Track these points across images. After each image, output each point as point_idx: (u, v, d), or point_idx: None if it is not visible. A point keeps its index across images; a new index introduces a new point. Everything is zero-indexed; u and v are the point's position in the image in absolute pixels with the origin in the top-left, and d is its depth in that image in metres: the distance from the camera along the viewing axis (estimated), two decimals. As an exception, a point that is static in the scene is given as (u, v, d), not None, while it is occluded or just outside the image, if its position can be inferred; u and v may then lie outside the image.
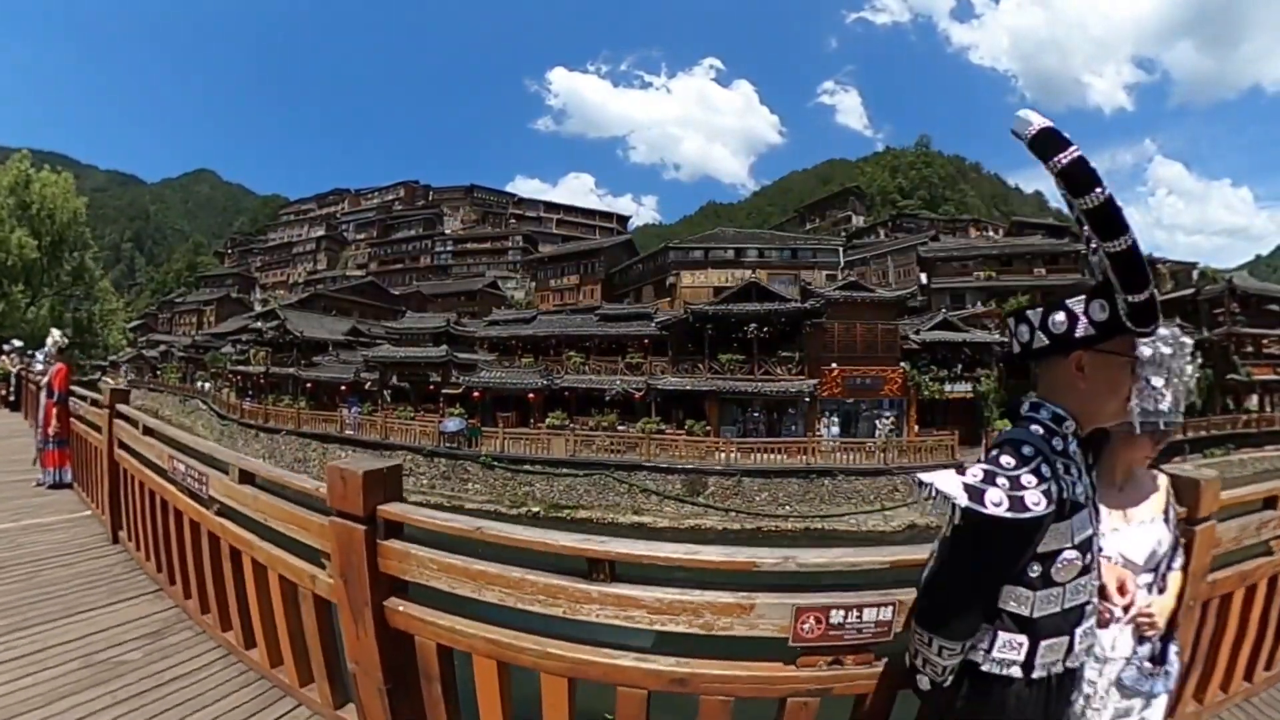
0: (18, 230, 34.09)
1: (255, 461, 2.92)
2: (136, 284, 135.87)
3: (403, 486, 2.28)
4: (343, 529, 2.13)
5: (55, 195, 37.21)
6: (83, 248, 40.83)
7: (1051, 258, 46.34)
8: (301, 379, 36.23)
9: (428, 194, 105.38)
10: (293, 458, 31.65)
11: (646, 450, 24.61)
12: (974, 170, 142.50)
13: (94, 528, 4.83)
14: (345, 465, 2.16)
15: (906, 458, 24.38)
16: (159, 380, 67.49)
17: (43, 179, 37.09)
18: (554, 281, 55.70)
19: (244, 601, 2.83)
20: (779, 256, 47.22)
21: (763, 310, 27.87)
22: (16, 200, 35.35)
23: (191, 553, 3.21)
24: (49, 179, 37.48)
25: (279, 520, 2.52)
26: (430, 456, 26.32)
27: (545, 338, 34.85)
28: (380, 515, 2.13)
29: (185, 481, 3.14)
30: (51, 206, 36.58)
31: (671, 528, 22.71)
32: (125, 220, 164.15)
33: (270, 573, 2.60)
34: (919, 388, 27.98)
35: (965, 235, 75.55)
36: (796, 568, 1.84)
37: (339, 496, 2.13)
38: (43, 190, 36.56)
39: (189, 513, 3.16)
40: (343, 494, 2.12)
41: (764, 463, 24.13)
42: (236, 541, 2.80)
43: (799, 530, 22.49)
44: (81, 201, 39.55)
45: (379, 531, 2.13)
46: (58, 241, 37.41)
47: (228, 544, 2.86)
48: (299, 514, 2.43)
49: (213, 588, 3.07)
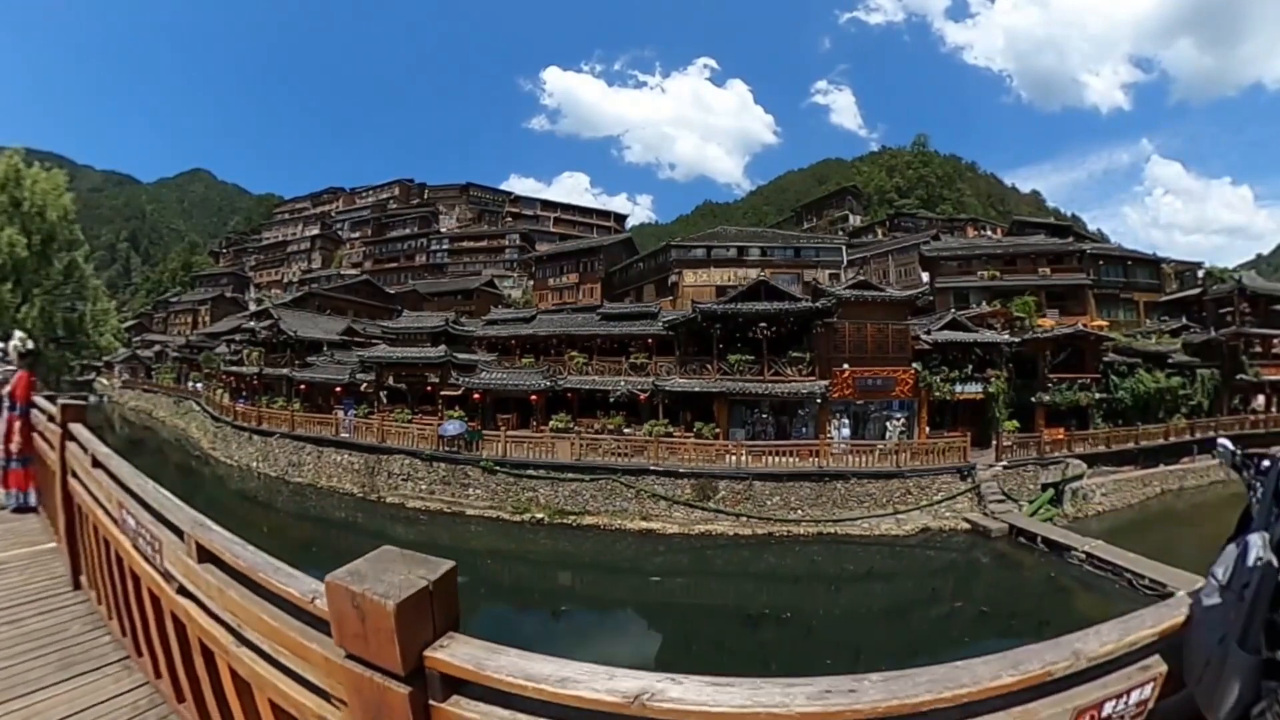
0: (8, 228, 33.15)
1: (219, 534, 2.07)
2: (132, 284, 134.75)
3: (458, 605, 1.35)
4: (366, 683, 1.29)
5: (46, 192, 36.30)
6: (74, 246, 39.80)
7: (1055, 257, 45.95)
8: (295, 380, 35.43)
9: (423, 192, 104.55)
10: (286, 461, 30.95)
11: (655, 454, 23.91)
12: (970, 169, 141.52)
13: (55, 567, 4.08)
14: (361, 578, 1.28)
15: (919, 460, 24.04)
16: (153, 381, 66.89)
17: (33, 175, 36.10)
18: (553, 280, 55.07)
19: (227, 711, 1.98)
20: (782, 255, 46.72)
21: (773, 309, 27.20)
22: (8, 197, 34.39)
23: (157, 629, 2.41)
24: (39, 175, 36.51)
25: (258, 633, 1.69)
26: (429, 461, 25.58)
27: (546, 337, 34.14)
28: (432, 665, 1.26)
29: (136, 541, 2.36)
30: (42, 203, 35.65)
31: (682, 534, 22.17)
32: (121, 220, 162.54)
33: (257, 693, 1.75)
34: (930, 389, 27.48)
35: (963, 234, 75.53)
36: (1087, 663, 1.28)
37: (353, 635, 1.28)
38: (33, 186, 35.60)
39: (147, 581, 2.38)
40: (360, 632, 1.26)
41: (775, 466, 23.70)
42: (207, 639, 1.96)
43: (811, 535, 22.10)
44: (70, 197, 38.54)
45: (432, 690, 1.27)
46: (48, 239, 36.46)
47: (197, 638, 2.04)
48: (289, 633, 1.58)
49: (186, 680, 2.25)
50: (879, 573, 20.04)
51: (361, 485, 27.19)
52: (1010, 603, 17.41)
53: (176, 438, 46.40)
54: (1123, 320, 43.69)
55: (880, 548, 21.49)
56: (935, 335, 29.43)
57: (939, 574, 20.30)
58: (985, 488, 23.46)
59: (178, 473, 35.79)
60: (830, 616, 16.93)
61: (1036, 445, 26.21)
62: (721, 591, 19.32)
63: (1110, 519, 24.47)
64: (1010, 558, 20.31)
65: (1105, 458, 27.48)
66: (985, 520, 22.11)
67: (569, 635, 16.51)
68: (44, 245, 35.99)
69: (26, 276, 34.98)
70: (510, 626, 16.93)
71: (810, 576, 19.41)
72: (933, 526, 22.51)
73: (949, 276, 46.31)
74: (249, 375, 40.13)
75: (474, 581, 19.70)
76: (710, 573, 20.45)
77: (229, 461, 34.98)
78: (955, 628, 16.16)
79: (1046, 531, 20.71)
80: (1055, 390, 29.08)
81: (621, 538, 22.23)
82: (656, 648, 15.85)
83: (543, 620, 17.79)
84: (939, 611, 17.54)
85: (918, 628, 16.66)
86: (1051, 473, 25.06)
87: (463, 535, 23.00)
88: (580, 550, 21.74)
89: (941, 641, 15.51)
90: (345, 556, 3.91)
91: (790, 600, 17.59)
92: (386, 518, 24.88)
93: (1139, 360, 31.59)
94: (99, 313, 42.94)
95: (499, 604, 18.79)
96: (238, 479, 32.29)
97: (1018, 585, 18.89)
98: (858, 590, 18.87)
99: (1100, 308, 44.28)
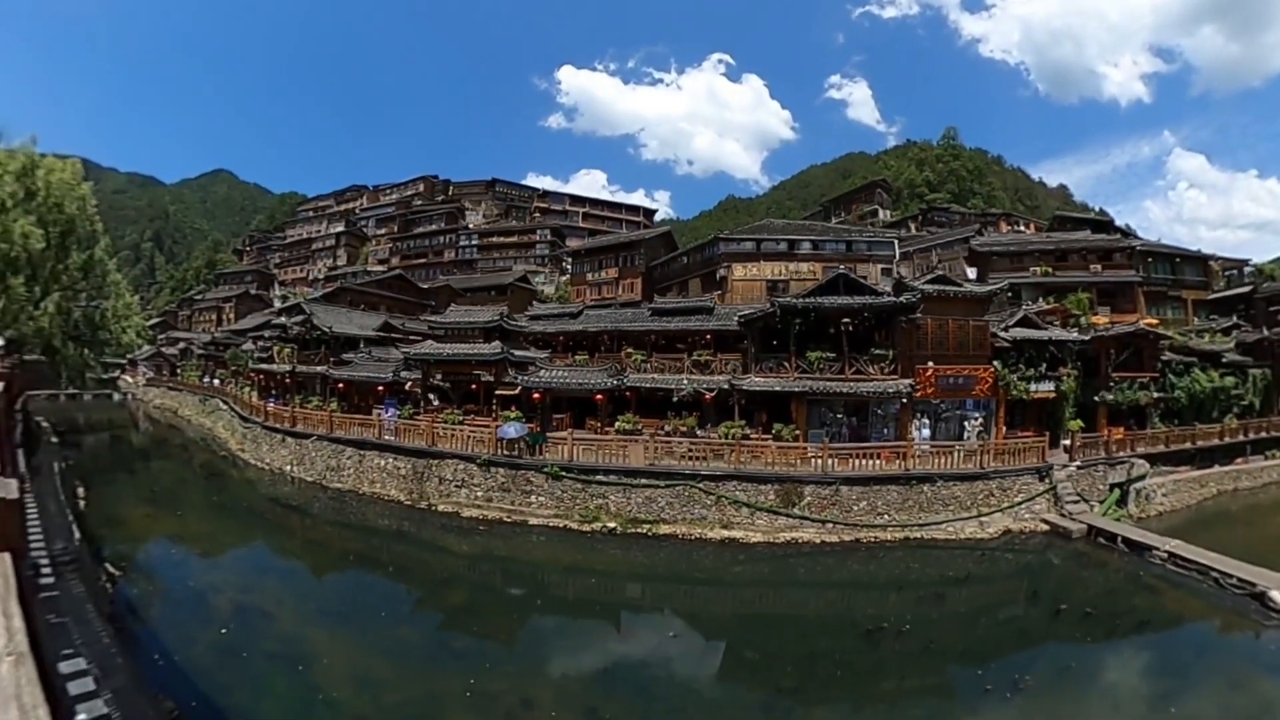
0: (22, 219, 31.34)
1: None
2: (156, 282, 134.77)
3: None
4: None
5: (64, 182, 34.64)
6: (94, 241, 38.19)
7: (1104, 253, 44.48)
8: (332, 378, 33.51)
9: (447, 189, 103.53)
10: (324, 465, 29.17)
11: (736, 458, 21.79)
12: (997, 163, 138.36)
13: None
14: None
15: (1000, 461, 23.10)
16: (179, 378, 65.77)
17: (49, 164, 34.46)
18: (591, 275, 53.12)
19: None
20: (833, 249, 44.41)
21: (857, 304, 25.03)
22: (23, 188, 32.63)
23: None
24: (55, 164, 34.89)
25: None
26: (487, 466, 23.54)
27: (596, 333, 32.14)
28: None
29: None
30: (59, 195, 33.97)
31: (765, 542, 20.82)
32: (145, 220, 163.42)
33: None
34: (1009, 387, 26.45)
35: (997, 229, 73.65)
36: None
37: None
38: (48, 176, 33.91)
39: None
40: None
41: (861, 469, 22.45)
42: None
43: (898, 540, 20.84)
44: (88, 187, 36.87)
45: None
46: (66, 233, 34.79)
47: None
48: None
49: None
50: (976, 577, 19.37)
51: (409, 492, 25.23)
52: (1108, 603, 17.11)
53: (202, 437, 45.09)
54: (1171, 318, 41.78)
55: (965, 551, 20.68)
56: (1013, 333, 28.15)
57: (1032, 577, 19.91)
58: (1061, 488, 22.86)
59: (204, 476, 34.55)
60: (943, 625, 16.28)
61: (1104, 445, 25.69)
62: (822, 602, 18.57)
63: (1170, 519, 24.09)
64: (1093, 559, 20.09)
65: (1163, 458, 27.17)
66: (1063, 521, 21.65)
67: (671, 653, 15.03)
68: (62, 238, 34.33)
69: (44, 271, 33.27)
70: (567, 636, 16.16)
71: (909, 584, 18.70)
72: (1014, 529, 21.84)
73: (1000, 272, 44.21)
74: (280, 373, 38.32)
75: (530, 594, 18.80)
76: (800, 583, 19.44)
77: (259, 464, 33.28)
78: (1066, 630, 15.54)
79: (1126, 532, 20.43)
80: (1118, 389, 28.56)
81: (700, 547, 20.73)
82: (780, 669, 14.24)
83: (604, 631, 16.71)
84: (1043, 614, 16.85)
85: (1030, 632, 16.18)
86: (1118, 473, 24.66)
87: (523, 546, 21.29)
88: (654, 561, 20.24)
89: (1060, 645, 15.02)
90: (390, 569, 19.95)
91: (899, 610, 16.80)
92: (438, 527, 22.97)
93: (1194, 359, 31.12)
94: (121, 308, 41.46)
95: (556, 616, 17.68)
96: (269, 483, 30.59)
97: (1109, 586, 18.67)
98: (960, 596, 18.14)
99: (1149, 305, 42.69)
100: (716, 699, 13.06)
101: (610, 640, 16.00)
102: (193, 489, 31.57)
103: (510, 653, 14.79)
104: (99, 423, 54.27)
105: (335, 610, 16.75)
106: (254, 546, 23.15)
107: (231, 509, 27.22)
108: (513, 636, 15.97)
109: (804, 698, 12.86)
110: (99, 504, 24.38)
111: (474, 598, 18.45)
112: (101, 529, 21.07)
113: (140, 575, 17.99)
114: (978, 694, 12.40)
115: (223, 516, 25.95)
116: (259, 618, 15.90)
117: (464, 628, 16.15)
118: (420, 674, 13.21)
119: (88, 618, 12.26)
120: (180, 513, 25.71)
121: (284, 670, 12.71)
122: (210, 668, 12.53)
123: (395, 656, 13.93)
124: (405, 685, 12.63)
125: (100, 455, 39.61)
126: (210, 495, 29.67)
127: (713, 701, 12.91)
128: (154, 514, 24.98)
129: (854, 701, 12.86)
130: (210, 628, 14.55)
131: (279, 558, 21.90)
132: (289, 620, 15.95)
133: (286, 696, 11.82)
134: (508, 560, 20.67)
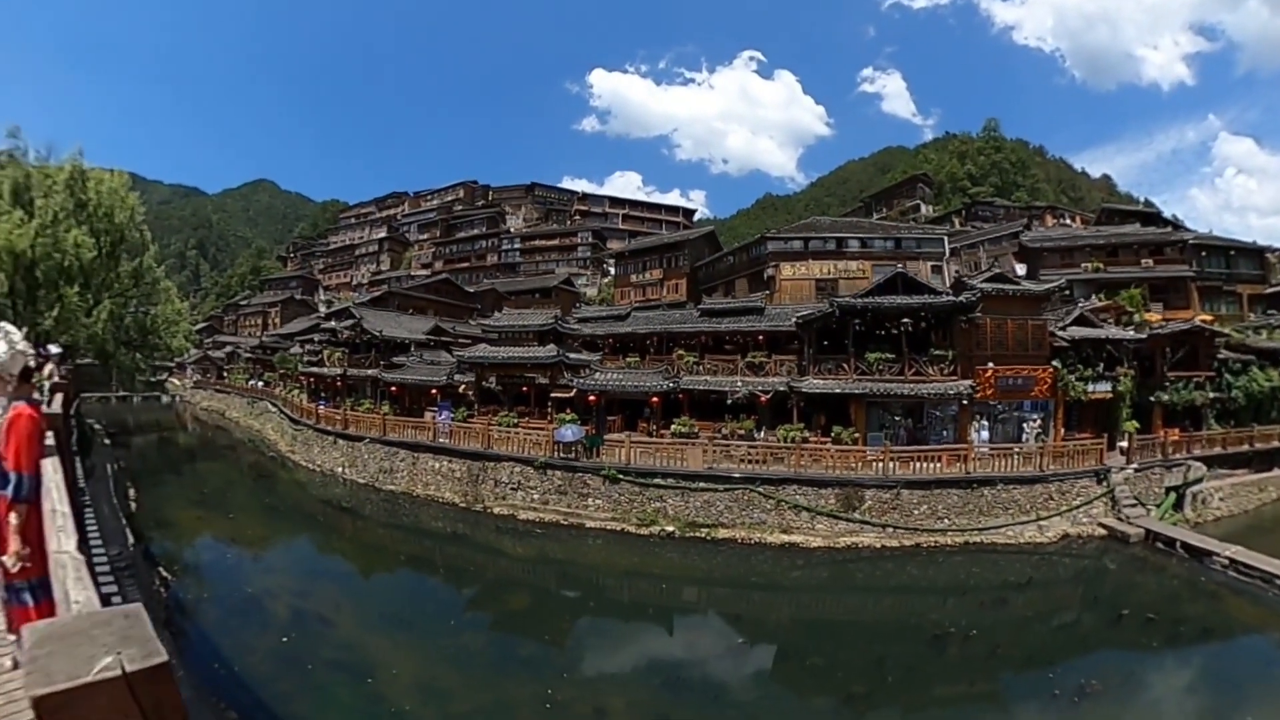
0: (75, 230, 32.28)
1: None
2: (201, 288, 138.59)
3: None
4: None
5: (113, 191, 35.58)
6: (143, 249, 39.19)
7: (1156, 247, 42.90)
8: (384, 381, 33.85)
9: (487, 194, 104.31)
10: (377, 467, 29.39)
11: (796, 461, 21.34)
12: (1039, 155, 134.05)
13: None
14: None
15: (1059, 464, 22.65)
16: (225, 381, 67.36)
17: (97, 175, 35.42)
18: (635, 277, 52.74)
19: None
20: (882, 247, 43.37)
21: (917, 304, 24.44)
22: (73, 199, 33.61)
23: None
24: (103, 175, 35.83)
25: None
26: (543, 469, 23.46)
27: (645, 335, 31.88)
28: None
29: None
30: (108, 205, 34.91)
31: (825, 547, 20.41)
32: (189, 229, 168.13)
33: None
34: (1067, 388, 25.90)
35: (1042, 223, 71.53)
36: None
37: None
38: (98, 188, 34.88)
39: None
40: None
41: (922, 472, 21.97)
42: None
43: (957, 545, 20.51)
44: (136, 197, 37.82)
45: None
46: (117, 242, 35.75)
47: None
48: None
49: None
50: (1037, 582, 19.07)
51: (464, 494, 25.26)
52: (1169, 610, 16.76)
53: (250, 439, 45.88)
54: (1226, 314, 39.96)
55: (1024, 556, 20.35)
56: (1070, 331, 27.43)
57: (1092, 582, 19.69)
58: (1118, 492, 22.44)
59: (254, 477, 35.06)
60: (1007, 631, 16.18)
61: (1160, 447, 25.00)
62: (884, 608, 18.22)
63: (1228, 524, 23.41)
64: (1152, 564, 19.81)
65: (1220, 460, 26.32)
66: (1121, 525, 21.31)
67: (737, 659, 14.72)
68: (113, 247, 35.29)
69: (96, 279, 34.19)
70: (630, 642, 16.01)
71: (970, 589, 18.54)
72: (1072, 533, 21.46)
73: (1050, 269, 42.91)
74: (331, 376, 38.87)
75: (590, 598, 18.73)
76: (860, 588, 19.15)
77: (310, 466, 33.67)
78: (1129, 636, 15.36)
79: (1186, 537, 20.11)
80: (1173, 389, 27.86)
81: (758, 552, 20.38)
82: (849, 675, 13.95)
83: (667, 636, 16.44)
84: (1105, 620, 16.61)
85: (1093, 638, 15.85)
86: (1174, 475, 24.13)
87: (579, 549, 21.14)
88: (712, 565, 19.96)
89: (1124, 651, 14.90)
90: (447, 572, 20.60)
91: (962, 615, 16.65)
92: (494, 530, 22.97)
93: (1252, 357, 30.12)
94: (172, 314, 42.47)
95: (617, 620, 17.55)
96: (320, 484, 30.88)
97: (1169, 592, 18.38)
98: (1022, 601, 17.94)
99: (1203, 301, 40.87)
100: (787, 706, 12.83)
101: (674, 645, 15.74)
102: (243, 490, 31.94)
103: (575, 659, 14.62)
104: (148, 424, 55.43)
105: (395, 615, 16.53)
106: (308, 549, 23.14)
107: (283, 511, 27.43)
108: (578, 642, 15.84)
109: (874, 704, 12.60)
110: (150, 506, 24.42)
111: (535, 602, 18.32)
112: (153, 531, 21.13)
113: (194, 579, 17.88)
114: (1046, 699, 12.25)
115: (275, 518, 26.09)
116: (317, 624, 15.66)
117: (527, 633, 15.99)
118: (487, 682, 12.96)
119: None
120: (232, 515, 25.74)
121: (347, 679, 12.49)
122: (270, 676, 12.33)
123: (460, 664, 13.69)
124: (472, 694, 12.40)
125: (149, 456, 40.27)
126: (261, 497, 30.03)
127: (784, 708, 12.72)
128: (205, 516, 25.07)
129: (924, 707, 12.69)
130: (268, 634, 14.35)
131: (334, 561, 21.85)
132: (348, 626, 15.70)
133: (351, 707, 11.59)
134: (565, 563, 20.54)
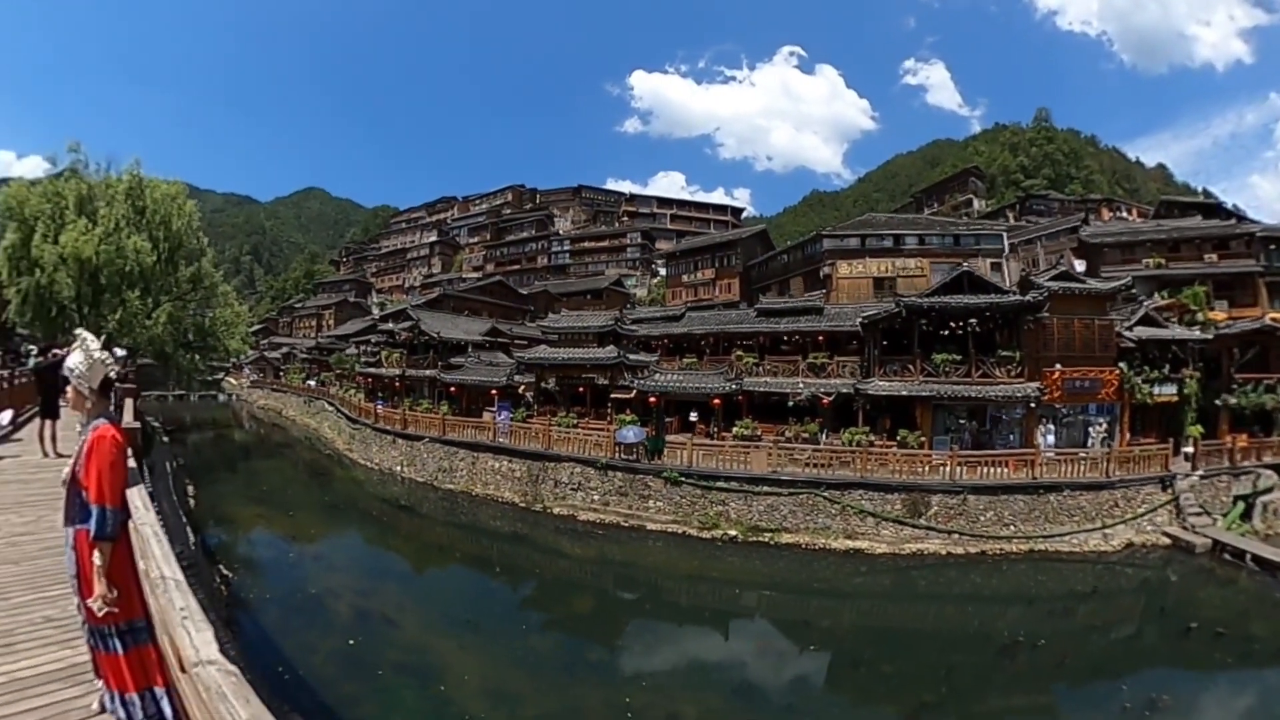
0: (134, 236, 33.76)
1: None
2: (256, 292, 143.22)
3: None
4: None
5: (171, 198, 37.02)
6: (200, 254, 40.67)
7: (1220, 242, 40.12)
8: (443, 382, 34.41)
9: (534, 197, 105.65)
10: (436, 467, 29.84)
11: (862, 465, 20.92)
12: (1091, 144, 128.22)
13: None
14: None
15: (1124, 469, 22.00)
16: (281, 380, 69.48)
17: (154, 184, 36.94)
18: (686, 276, 52.57)
19: None
20: (940, 244, 42.23)
21: (985, 304, 23.72)
22: (133, 207, 35.14)
23: None
24: (160, 184, 37.32)
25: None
26: (604, 470, 23.51)
27: (701, 336, 31.68)
28: None
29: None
30: (166, 212, 36.35)
31: (890, 554, 19.98)
32: (243, 236, 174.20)
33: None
34: (1133, 390, 25.14)
35: (1098, 216, 68.41)
36: None
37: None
38: (154, 195, 36.38)
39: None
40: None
41: (989, 478, 21.33)
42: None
43: (1022, 553, 20.03)
44: (192, 204, 39.29)
45: None
46: (175, 247, 37.17)
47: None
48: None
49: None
50: (1102, 592, 18.61)
51: (523, 494, 25.47)
52: (1240, 624, 16.12)
53: (306, 436, 47.08)
54: None
55: (1088, 565, 19.87)
56: (1137, 331, 26.51)
57: (1158, 593, 19.13)
58: (1184, 499, 21.73)
59: (312, 474, 35.69)
60: (1075, 641, 15.69)
61: (1229, 454, 23.85)
62: (950, 616, 17.74)
63: None
64: (1220, 575, 19.16)
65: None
66: (1186, 535, 20.69)
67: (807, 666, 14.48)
68: (171, 253, 36.65)
69: (155, 283, 35.57)
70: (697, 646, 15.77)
71: (1036, 598, 18.02)
72: (1136, 541, 20.94)
73: (1111, 265, 40.97)
74: (389, 377, 39.72)
75: (654, 601, 18.58)
76: (924, 596, 18.57)
77: (368, 464, 34.36)
78: (1198, 650, 14.90)
79: (1257, 549, 19.32)
80: (1241, 392, 26.66)
81: (821, 557, 20.03)
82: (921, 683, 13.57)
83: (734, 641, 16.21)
84: (1174, 633, 16.19)
85: (1161, 650, 15.68)
86: (1242, 484, 23.11)
87: (639, 551, 21.01)
88: (774, 570, 19.63)
89: (1193, 665, 14.55)
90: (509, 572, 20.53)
91: (1029, 625, 16.23)
92: (553, 530, 23.05)
93: None
94: (230, 316, 43.85)
95: (682, 624, 17.23)
96: (378, 483, 31.39)
97: (1239, 606, 17.63)
98: (1088, 611, 17.50)
99: (1272, 298, 38.06)
100: (862, 716, 12.64)
101: (739, 651, 15.55)
102: (301, 488, 32.41)
103: (643, 663, 14.47)
104: (204, 421, 57.00)
105: (460, 617, 16.39)
106: (368, 547, 23.27)
107: (342, 509, 27.75)
108: (644, 646, 15.71)
109: (946, 713, 12.27)
110: (208, 503, 24.66)
111: (598, 604, 18.29)
112: (213, 528, 21.37)
113: (255, 577, 17.89)
114: (1117, 711, 11.83)
115: (334, 516, 26.37)
116: (381, 624, 15.56)
117: (592, 635, 15.96)
118: (556, 686, 12.81)
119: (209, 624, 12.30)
120: (291, 512, 25.94)
121: (413, 683, 12.32)
122: (335, 678, 12.20)
123: (528, 667, 13.51)
124: (543, 698, 12.25)
125: (206, 453, 41.19)
126: (320, 494, 30.53)
127: (858, 717, 12.57)
128: (264, 513, 25.28)
129: (998, 717, 12.45)
130: (331, 635, 14.26)
131: (395, 560, 22.00)
132: (413, 628, 15.57)
133: (419, 711, 11.45)
134: (627, 565, 20.44)
